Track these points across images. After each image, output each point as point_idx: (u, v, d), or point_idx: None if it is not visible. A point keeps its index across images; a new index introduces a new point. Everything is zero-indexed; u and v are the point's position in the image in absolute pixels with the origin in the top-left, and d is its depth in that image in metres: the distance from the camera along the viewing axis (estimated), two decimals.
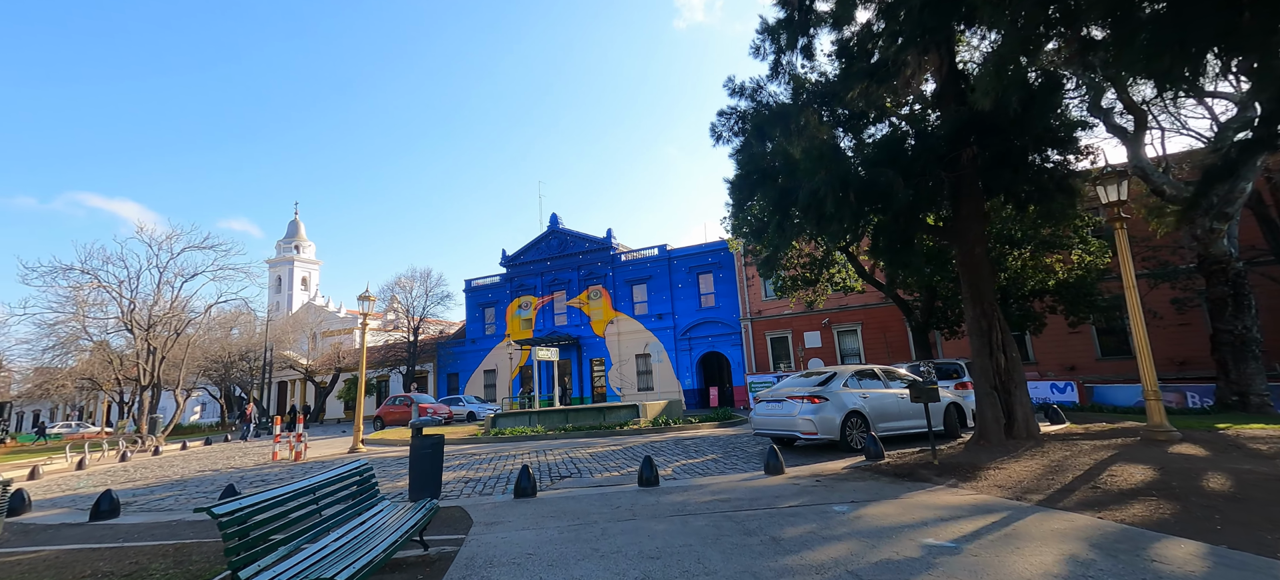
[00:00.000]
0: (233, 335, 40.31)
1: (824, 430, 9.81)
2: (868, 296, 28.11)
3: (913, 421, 10.71)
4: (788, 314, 30.85)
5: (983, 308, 9.04)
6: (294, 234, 69.00)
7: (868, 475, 7.87)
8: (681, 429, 16.23)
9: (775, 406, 10.56)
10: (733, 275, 32.81)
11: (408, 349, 39.63)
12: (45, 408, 56.20)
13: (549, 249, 38.39)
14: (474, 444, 15.58)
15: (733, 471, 9.07)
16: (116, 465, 17.44)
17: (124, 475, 13.91)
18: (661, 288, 34.60)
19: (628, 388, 34.29)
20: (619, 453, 12.02)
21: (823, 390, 10.10)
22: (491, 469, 10.77)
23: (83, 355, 31.09)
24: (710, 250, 33.91)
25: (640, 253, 36.24)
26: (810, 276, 20.02)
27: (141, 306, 24.39)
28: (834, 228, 8.74)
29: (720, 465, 9.74)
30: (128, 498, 10.02)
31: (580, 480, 9.01)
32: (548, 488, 8.51)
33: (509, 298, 39.05)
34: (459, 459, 12.54)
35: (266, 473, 12.37)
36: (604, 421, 17.27)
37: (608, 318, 35.57)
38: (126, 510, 8.75)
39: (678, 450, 11.94)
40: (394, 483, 9.79)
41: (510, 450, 13.60)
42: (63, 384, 33.03)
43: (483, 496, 8.10)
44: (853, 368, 10.85)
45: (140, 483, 12.16)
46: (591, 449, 12.96)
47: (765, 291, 31.79)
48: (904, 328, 28.20)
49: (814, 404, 9.96)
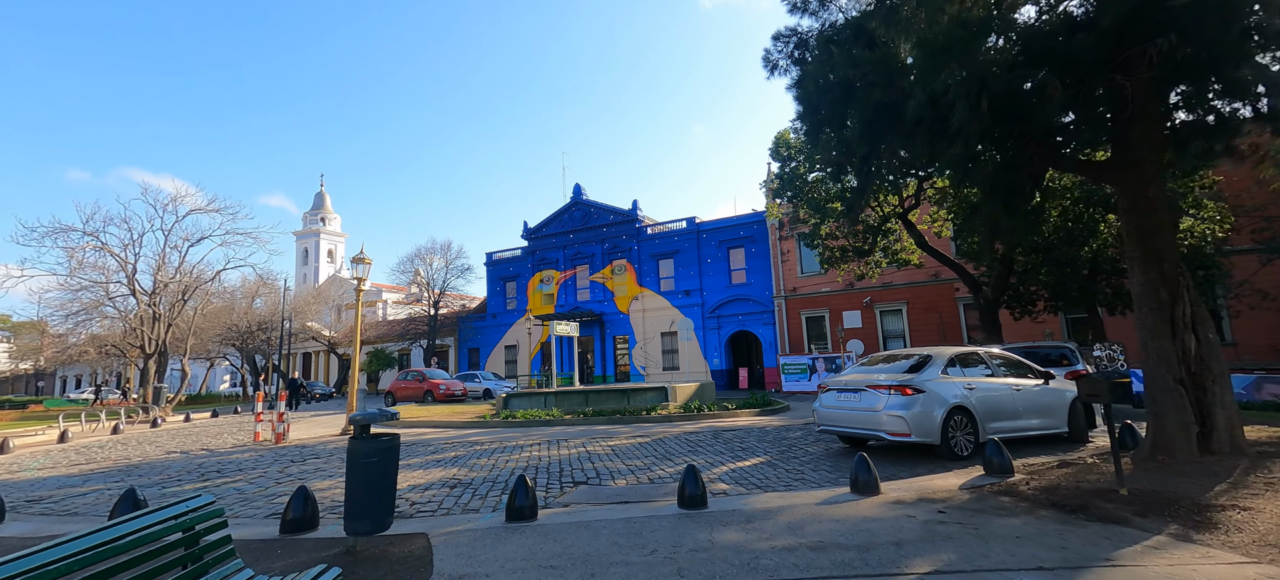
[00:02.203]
0: (257, 305, 39.13)
1: (919, 431, 7.23)
2: (913, 273, 25.08)
3: (1034, 421, 8.05)
4: (825, 291, 27.99)
5: (1161, 271, 6.29)
6: (320, 206, 67.89)
7: (1012, 505, 5.31)
8: (717, 416, 13.78)
9: (849, 398, 8.00)
10: (766, 250, 29.98)
11: (428, 323, 37.90)
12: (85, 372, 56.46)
13: (572, 221, 36.00)
14: (479, 428, 13.39)
15: (801, 484, 6.59)
16: (106, 438, 15.80)
17: (94, 453, 12.08)
18: (689, 262, 31.97)
19: (652, 367, 31.95)
20: (647, 448, 9.63)
21: (916, 379, 7.50)
22: (489, 466, 8.48)
23: (107, 322, 30.03)
24: (742, 223, 31.08)
25: (667, 226, 33.59)
26: (862, 246, 17.20)
27: (145, 270, 22.87)
28: (955, 153, 6.02)
29: (780, 473, 7.27)
30: (50, 489, 8.03)
31: (598, 491, 6.63)
32: (554, 504, 6.15)
33: (530, 272, 36.90)
34: (456, 448, 10.32)
35: (234, 458, 10.34)
36: (628, 405, 14.91)
37: (632, 293, 33.15)
38: (23, 513, 6.70)
39: (719, 446, 9.50)
40: None
41: (518, 438, 11.34)
42: (85, 350, 32.15)
43: (463, 516, 5.78)
44: (952, 349, 8.20)
45: (97, 465, 10.25)
46: (613, 440, 10.60)
47: (801, 267, 28.95)
48: (955, 307, 25.18)
49: (905, 396, 7.37)
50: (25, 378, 61.52)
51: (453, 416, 15.51)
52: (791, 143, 17.38)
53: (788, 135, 17.69)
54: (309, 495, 5.35)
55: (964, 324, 24.92)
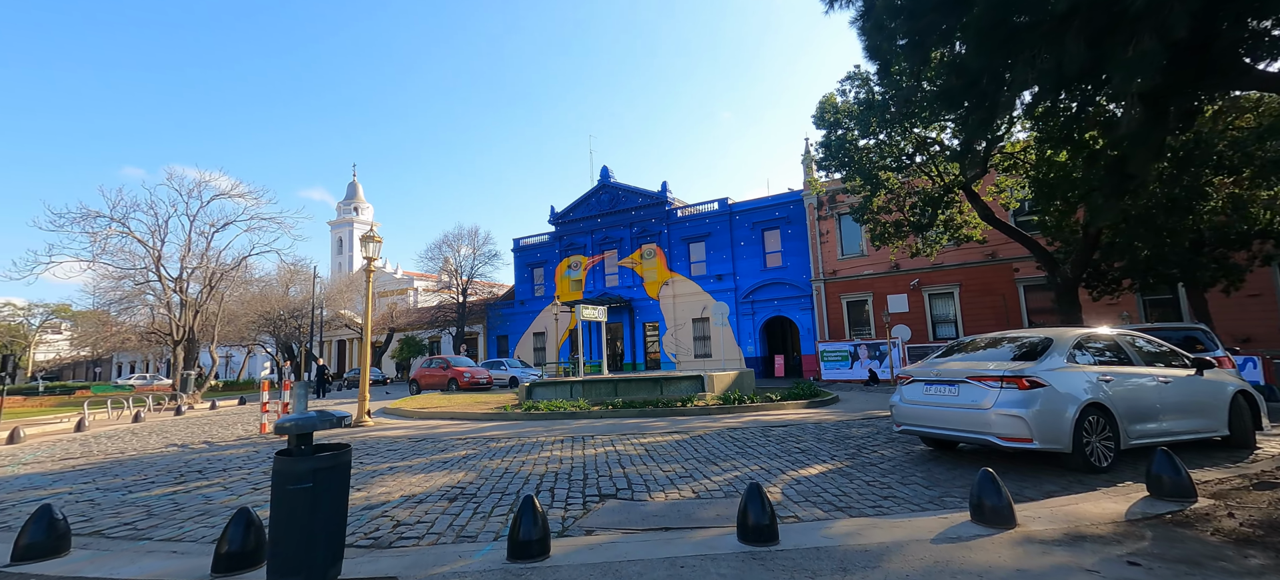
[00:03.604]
0: (291, 293, 39.06)
1: (1044, 435, 5.49)
2: (967, 252, 22.83)
3: (1187, 422, 6.21)
4: (867, 274, 25.90)
5: None
6: (353, 196, 68.15)
7: (1221, 546, 3.59)
8: (761, 408, 12.16)
9: (942, 392, 6.29)
10: (803, 231, 27.97)
11: (457, 310, 37.13)
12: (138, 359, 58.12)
13: (599, 205, 34.53)
14: (498, 421, 12.08)
15: (894, 504, 4.97)
16: (124, 427, 15.16)
17: (95, 446, 11.25)
18: (722, 245, 30.17)
19: (683, 354, 30.39)
20: (686, 447, 8.11)
21: (1035, 368, 5.74)
22: (500, 470, 7.08)
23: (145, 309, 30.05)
24: (778, 203, 29.09)
25: (698, 208, 31.81)
26: (920, 220, 15.19)
27: (171, 256, 22.40)
28: (1147, 50, 4.12)
29: (859, 486, 5.64)
30: (6, 492, 6.99)
31: (630, 510, 5.14)
32: (573, 529, 4.68)
33: (558, 257, 35.65)
34: (468, 445, 8.99)
35: (228, 454, 9.24)
36: (661, 396, 13.40)
37: (662, 278, 31.56)
38: None
39: (771, 447, 7.90)
40: (382, 485, 6.27)
41: (539, 434, 9.96)
42: (127, 338, 32.39)
43: (455, 546, 4.35)
44: (1077, 332, 6.39)
45: (82, 461, 9.32)
46: (646, 437, 9.11)
47: (841, 249, 26.88)
48: (1015, 289, 22.82)
49: (1022, 390, 5.63)
50: (85, 363, 63.92)
51: (473, 407, 14.29)
52: (840, 106, 15.44)
53: (834, 99, 15.76)
54: (252, 521, 3.99)
55: (1025, 307, 22.57)
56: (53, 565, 4.19)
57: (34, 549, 4.32)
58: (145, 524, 5.26)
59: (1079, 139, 9.46)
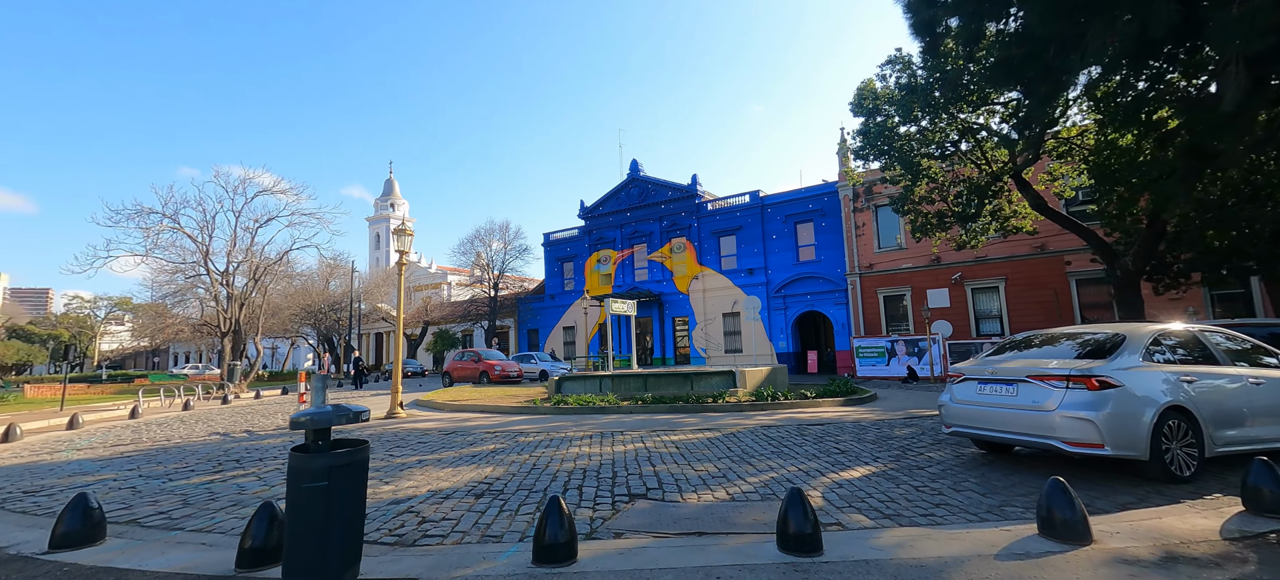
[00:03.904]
0: (332, 287, 40.20)
1: (1117, 440, 4.98)
2: (1014, 245, 21.72)
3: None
4: (905, 268, 24.95)
5: None
6: (389, 192, 69.83)
7: None
8: (795, 405, 11.72)
9: (999, 392, 5.80)
10: (838, 224, 27.12)
11: (488, 304, 37.55)
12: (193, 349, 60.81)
13: (629, 198, 34.30)
14: (527, 414, 11.99)
15: (947, 512, 4.56)
16: (174, 415, 15.75)
17: (144, 433, 11.66)
18: (753, 239, 29.56)
19: (713, 349, 29.96)
20: (719, 445, 7.80)
21: (1106, 367, 5.21)
22: (528, 465, 6.92)
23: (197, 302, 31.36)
24: (811, 195, 28.30)
25: (728, 201, 31.25)
26: (966, 210, 14.40)
27: (219, 251, 23.23)
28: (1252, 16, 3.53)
29: (907, 491, 5.24)
30: (59, 478, 7.21)
31: (661, 512, 4.88)
32: (602, 532, 4.45)
33: (587, 252, 35.61)
34: (496, 439, 8.89)
35: (266, 444, 9.39)
36: (692, 391, 13.10)
37: (692, 273, 31.16)
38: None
39: (808, 446, 7.51)
40: (411, 479, 6.20)
41: (568, 429, 9.79)
42: (180, 329, 33.88)
43: (480, 546, 4.17)
44: (1152, 327, 5.81)
45: (130, 448, 9.64)
46: (677, 433, 8.83)
47: (878, 242, 25.96)
48: (1067, 283, 21.58)
49: (1091, 391, 5.12)
50: (145, 353, 67.44)
51: (503, 400, 14.28)
52: (879, 92, 14.75)
53: (873, 84, 15.06)
54: (275, 515, 3.89)
55: (1077, 303, 21.32)
56: (86, 554, 4.20)
57: (70, 537, 4.35)
58: (180, 513, 5.28)
59: (1149, 119, 8.70)
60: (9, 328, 59.13)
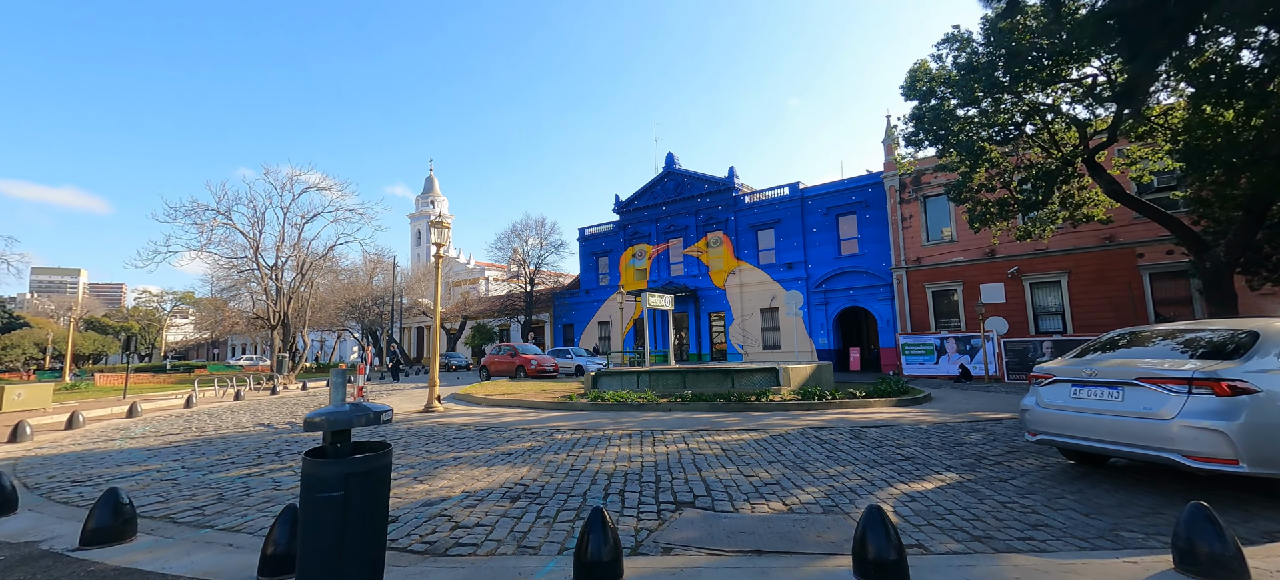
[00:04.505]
0: (376, 282, 41.18)
1: (1256, 456, 4.20)
2: (1078, 236, 20.14)
3: None
4: (956, 262, 23.58)
5: None
6: (429, 190, 71.36)
7: None
8: (845, 405, 11.01)
9: (1099, 396, 5.06)
10: (883, 216, 25.89)
11: (525, 299, 37.71)
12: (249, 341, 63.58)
13: (665, 192, 33.74)
14: (564, 410, 11.66)
15: (1054, 540, 3.90)
16: (226, 404, 16.19)
17: (195, 423, 11.91)
18: (792, 233, 28.58)
19: (751, 346, 29.16)
20: (768, 448, 7.24)
21: (1238, 371, 4.42)
22: (567, 466, 6.53)
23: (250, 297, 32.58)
24: (854, 186, 27.12)
25: (767, 193, 30.30)
26: (1032, 198, 13.29)
27: (268, 247, 23.92)
28: None
29: (993, 508, 4.59)
30: (109, 466, 7.25)
31: (713, 524, 4.39)
32: (648, 546, 3.99)
33: (622, 246, 35.25)
34: (533, 436, 8.56)
35: (304, 437, 9.33)
36: (733, 388, 12.52)
37: (729, 267, 30.40)
38: (30, 505, 5.75)
39: (868, 452, 6.87)
40: (445, 477, 5.93)
41: (606, 426, 9.39)
42: (236, 322, 35.27)
43: (516, 559, 3.77)
44: None
45: (179, 438, 9.78)
46: (721, 434, 8.31)
47: (927, 234, 24.63)
48: (1138, 277, 19.90)
49: (1220, 396, 4.34)
50: (206, 345, 71.07)
51: (539, 395, 14.03)
52: (934, 73, 13.76)
53: (927, 66, 14.08)
54: (297, 519, 3.58)
55: (1151, 298, 19.62)
56: (114, 552, 4.02)
57: (100, 534, 4.19)
58: (213, 509, 5.11)
59: (1258, 89, 7.64)
60: (87, 320, 63.25)
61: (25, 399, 13.55)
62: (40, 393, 14.09)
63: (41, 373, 32.53)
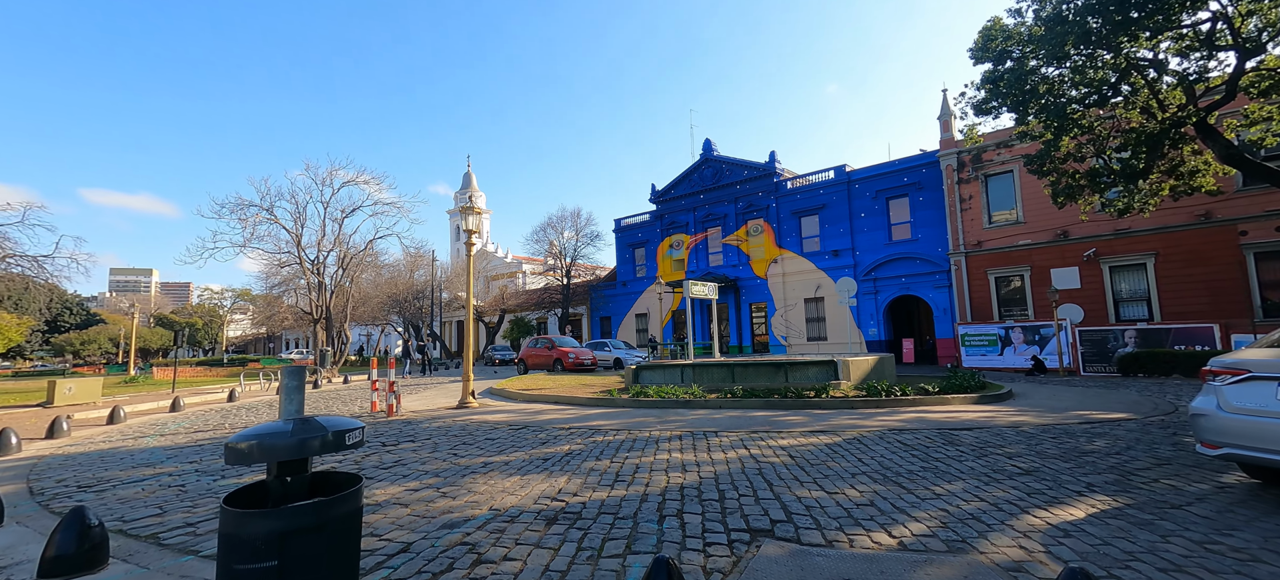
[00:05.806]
0: (417, 277, 41.45)
1: None
2: (1166, 214, 17.92)
3: None
4: (1022, 245, 21.54)
5: None
6: (467, 186, 71.93)
7: None
8: (918, 402, 9.68)
9: None
10: (938, 198, 23.97)
11: (561, 292, 37.16)
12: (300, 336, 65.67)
13: (702, 180, 32.47)
14: (604, 407, 10.74)
15: None
16: (266, 398, 16.05)
17: (228, 418, 11.59)
18: (838, 218, 26.92)
19: (794, 337, 27.70)
20: (844, 455, 6.09)
21: None
22: (611, 476, 5.56)
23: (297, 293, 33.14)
24: (906, 167, 25.24)
25: (810, 178, 28.65)
26: (1132, 166, 11.52)
27: (310, 243, 23.99)
28: None
29: (1188, 550, 3.36)
30: (124, 468, 6.74)
31: (804, 565, 3.32)
32: None
33: (659, 237, 34.20)
34: (572, 437, 7.65)
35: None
36: (787, 383, 11.34)
37: (770, 256, 28.95)
38: (22, 515, 5.18)
39: (971, 462, 5.64)
40: (472, 489, 5.08)
41: (651, 426, 8.41)
42: (286, 317, 36.02)
43: None
44: None
45: (207, 434, 9.37)
46: (784, 436, 7.20)
47: (989, 216, 22.63)
48: (1241, 257, 17.57)
49: None
50: (262, 340, 73.96)
51: (577, 390, 13.18)
52: (1012, 30, 12.10)
53: (1002, 22, 12.41)
54: None
55: (1255, 281, 17.29)
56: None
57: (62, 563, 3.45)
58: (207, 528, 4.37)
59: None
60: (156, 317, 66.69)
61: (75, 393, 13.61)
62: (90, 387, 14.16)
63: (110, 366, 34.10)
